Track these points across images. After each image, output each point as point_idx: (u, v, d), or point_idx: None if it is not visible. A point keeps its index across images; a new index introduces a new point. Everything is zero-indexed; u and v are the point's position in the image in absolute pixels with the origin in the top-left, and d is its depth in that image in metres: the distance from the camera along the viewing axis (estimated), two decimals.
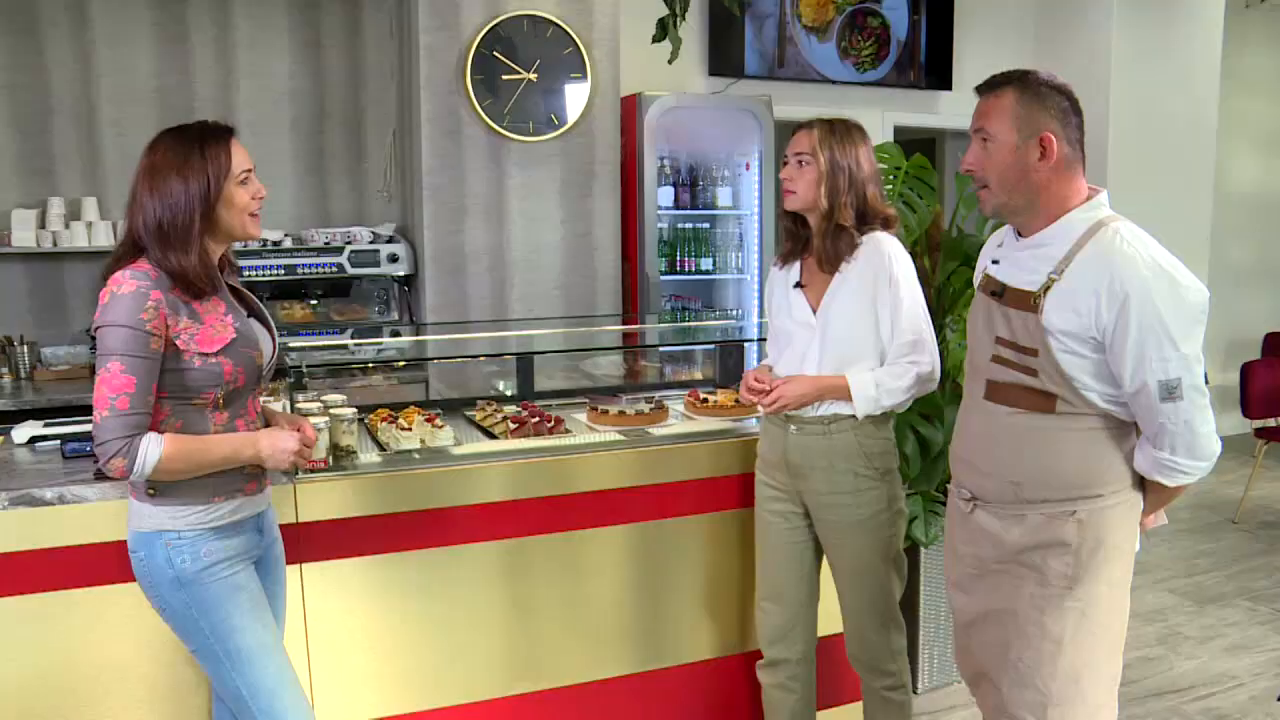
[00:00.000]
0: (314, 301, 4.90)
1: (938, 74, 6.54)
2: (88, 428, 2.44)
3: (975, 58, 6.66)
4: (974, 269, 3.84)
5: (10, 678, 2.46)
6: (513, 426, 3.08)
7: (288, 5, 5.06)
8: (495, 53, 4.71)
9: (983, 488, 2.24)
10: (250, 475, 2.26)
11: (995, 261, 2.26)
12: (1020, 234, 2.20)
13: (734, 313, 5.66)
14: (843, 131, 2.67)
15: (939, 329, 3.62)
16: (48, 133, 4.78)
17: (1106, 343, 2.03)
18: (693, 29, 5.84)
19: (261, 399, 2.45)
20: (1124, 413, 2.11)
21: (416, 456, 2.88)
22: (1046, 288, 2.08)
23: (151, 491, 2.14)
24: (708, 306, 5.82)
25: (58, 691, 2.49)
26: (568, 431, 3.15)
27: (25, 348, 4.67)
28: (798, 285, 2.76)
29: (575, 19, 4.86)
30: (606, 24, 4.93)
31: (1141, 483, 2.17)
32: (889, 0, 6.34)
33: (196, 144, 2.11)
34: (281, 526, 2.51)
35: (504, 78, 4.75)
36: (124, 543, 2.22)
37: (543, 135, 4.85)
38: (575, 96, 4.88)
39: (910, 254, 2.76)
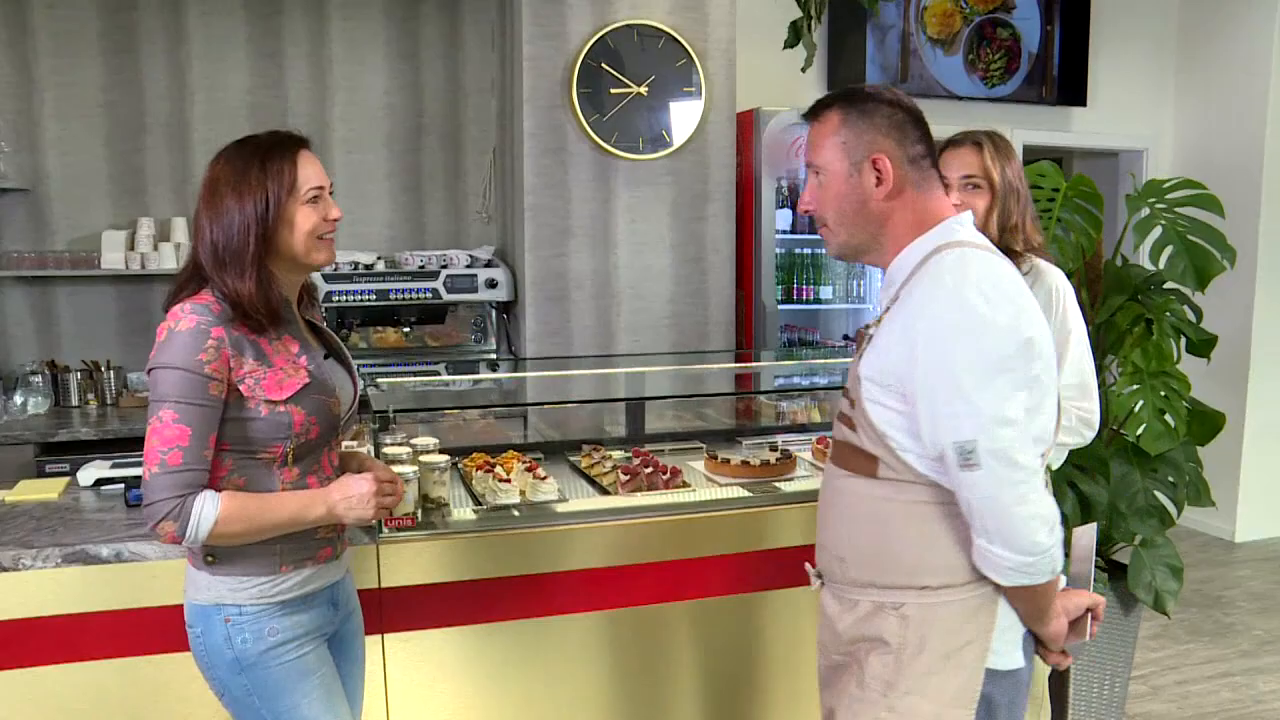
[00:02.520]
0: (407, 329, 4.62)
1: (1071, 88, 6.05)
2: None
3: (1112, 70, 6.21)
4: (1141, 304, 3.44)
5: None
6: (624, 478, 2.72)
7: (385, 17, 4.81)
8: (603, 64, 4.39)
9: (822, 562, 1.91)
10: (324, 540, 1.93)
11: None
12: None
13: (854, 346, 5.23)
14: (1004, 147, 2.37)
15: (1099, 371, 3.20)
16: (140, 151, 4.62)
17: (906, 392, 1.68)
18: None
19: (343, 444, 2.13)
20: None
21: (516, 514, 2.53)
22: (870, 328, 1.79)
23: (210, 559, 1.83)
24: (826, 338, 5.40)
25: None
26: (686, 484, 2.77)
27: (111, 373, 4.51)
28: None
29: (689, 29, 4.51)
30: (722, 35, 4.57)
31: (996, 585, 1.72)
32: (1020, 10, 5.89)
33: (258, 158, 1.81)
34: (361, 593, 2.18)
35: (612, 91, 4.42)
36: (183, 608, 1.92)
37: (653, 153, 4.51)
38: (688, 112, 4.53)
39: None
